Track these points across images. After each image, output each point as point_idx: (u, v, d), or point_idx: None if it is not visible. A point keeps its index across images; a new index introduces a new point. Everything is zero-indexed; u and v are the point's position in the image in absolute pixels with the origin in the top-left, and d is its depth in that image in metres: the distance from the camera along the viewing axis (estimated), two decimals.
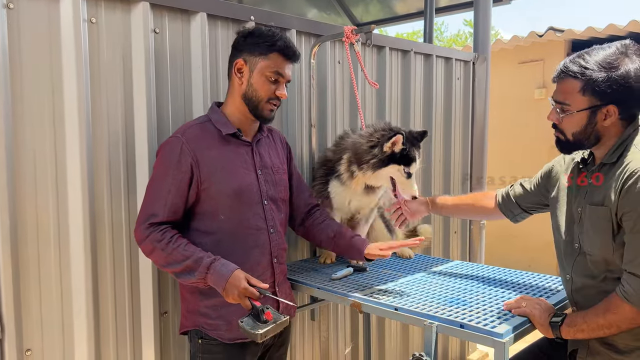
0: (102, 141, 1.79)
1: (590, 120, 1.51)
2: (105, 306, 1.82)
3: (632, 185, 1.41)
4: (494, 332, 1.47)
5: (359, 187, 2.13)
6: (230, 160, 1.73)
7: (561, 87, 1.55)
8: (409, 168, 2.01)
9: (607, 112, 1.49)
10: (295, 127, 2.41)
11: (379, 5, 5.61)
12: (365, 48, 2.72)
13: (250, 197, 1.75)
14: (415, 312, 1.67)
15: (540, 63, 5.34)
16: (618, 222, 1.46)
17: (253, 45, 1.72)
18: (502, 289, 1.90)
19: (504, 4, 4.40)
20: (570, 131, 1.56)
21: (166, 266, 1.66)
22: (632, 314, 1.41)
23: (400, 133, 1.96)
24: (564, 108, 1.54)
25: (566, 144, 1.60)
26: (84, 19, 1.71)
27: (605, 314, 1.46)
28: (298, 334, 2.51)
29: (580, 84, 1.49)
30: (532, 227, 5.44)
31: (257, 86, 1.73)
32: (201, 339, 1.73)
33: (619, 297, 1.43)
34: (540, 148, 5.40)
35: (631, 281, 1.40)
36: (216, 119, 1.74)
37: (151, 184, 1.70)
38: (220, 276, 1.61)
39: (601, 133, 1.53)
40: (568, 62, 1.52)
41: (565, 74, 1.52)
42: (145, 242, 1.65)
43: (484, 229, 3.63)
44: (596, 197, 1.53)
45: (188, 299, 1.77)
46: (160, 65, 1.92)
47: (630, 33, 4.60)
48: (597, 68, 1.46)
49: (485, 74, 3.52)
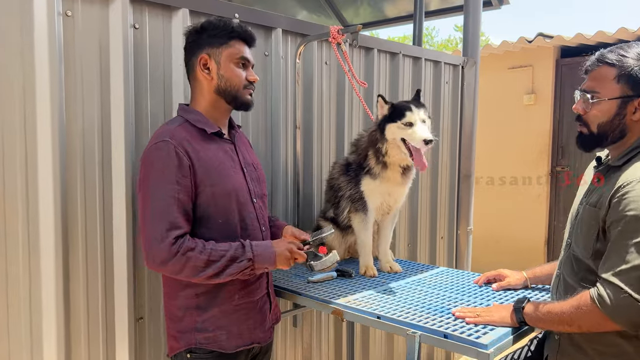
0: (76, 140, 1.72)
1: (619, 110, 1.47)
2: (77, 312, 1.75)
3: (620, 197, 1.38)
4: (478, 342, 1.43)
5: (397, 174, 2.14)
6: (221, 160, 1.65)
7: (594, 75, 1.51)
8: (404, 119, 2.02)
9: (637, 105, 1.45)
10: (280, 129, 2.35)
11: (369, 8, 5.59)
12: (353, 49, 2.68)
13: (244, 197, 1.68)
14: (398, 320, 1.62)
15: (530, 69, 5.34)
16: (604, 227, 1.44)
17: (211, 37, 1.64)
18: (489, 297, 1.86)
19: (494, 8, 4.38)
20: (596, 122, 1.51)
21: (205, 270, 1.52)
22: (598, 319, 1.38)
23: (379, 95, 2.10)
24: (593, 96, 1.50)
25: (589, 138, 1.55)
26: (59, 12, 1.64)
27: (571, 310, 1.42)
28: (280, 340, 2.45)
29: (616, 71, 1.46)
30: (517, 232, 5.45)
31: (229, 75, 1.65)
32: (190, 353, 1.64)
33: (591, 300, 1.38)
34: (529, 153, 5.41)
35: (610, 289, 1.35)
36: (195, 119, 1.65)
37: (152, 196, 1.52)
38: (266, 247, 1.63)
39: (628, 128, 1.48)
40: (605, 51, 1.50)
41: (601, 61, 1.49)
42: (175, 258, 1.49)
43: (471, 234, 3.60)
44: (593, 198, 1.51)
45: (180, 317, 1.65)
46: (140, 62, 1.86)
47: (619, 40, 4.61)
48: (637, 58, 1.44)
49: (474, 78, 3.49)
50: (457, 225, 3.54)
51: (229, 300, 1.65)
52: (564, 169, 5.25)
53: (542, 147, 5.32)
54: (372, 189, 2.16)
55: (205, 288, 1.62)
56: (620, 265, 1.35)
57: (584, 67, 1.57)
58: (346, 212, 2.23)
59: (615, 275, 1.35)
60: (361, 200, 2.18)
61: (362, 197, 2.18)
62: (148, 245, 1.52)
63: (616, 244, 1.38)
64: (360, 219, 2.20)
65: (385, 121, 2.07)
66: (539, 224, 5.36)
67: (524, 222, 5.43)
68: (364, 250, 2.22)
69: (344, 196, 2.22)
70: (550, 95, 5.24)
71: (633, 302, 1.31)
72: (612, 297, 1.34)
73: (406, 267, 2.34)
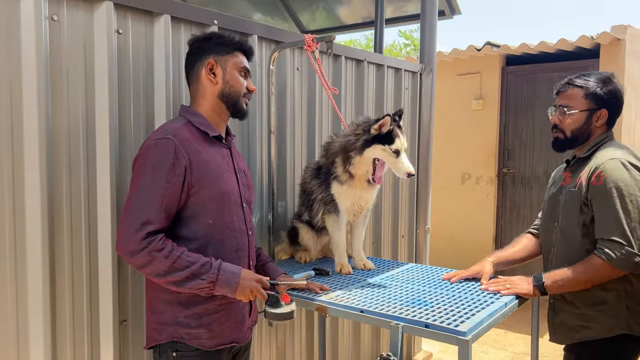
0: (62, 143, 1.72)
1: (587, 119, 1.96)
2: (63, 314, 1.75)
3: (598, 174, 1.84)
4: (457, 330, 1.56)
5: (364, 182, 2.21)
6: (218, 163, 1.71)
7: (566, 94, 1.99)
8: (393, 146, 2.07)
9: (600, 115, 1.95)
10: (256, 134, 2.41)
11: (325, 13, 5.69)
12: (323, 56, 2.78)
13: (235, 201, 1.74)
14: (381, 313, 1.73)
15: (478, 75, 5.62)
16: (586, 203, 1.88)
17: (218, 45, 1.74)
18: (460, 289, 2.00)
19: (446, 18, 4.60)
20: (570, 128, 1.98)
21: (166, 275, 1.56)
22: (609, 271, 1.80)
23: (388, 115, 2.08)
24: (566, 111, 1.97)
25: (564, 141, 2.01)
26: (46, 16, 1.64)
27: (586, 273, 1.83)
28: (255, 340, 2.51)
29: (583, 91, 1.95)
30: (469, 229, 5.72)
31: (234, 82, 1.74)
32: (176, 352, 1.66)
33: (600, 259, 1.80)
34: (478, 155, 5.69)
35: (612, 246, 1.78)
36: (198, 121, 1.71)
37: (140, 189, 1.57)
38: (232, 274, 1.63)
39: (592, 132, 1.97)
40: (573, 77, 1.99)
41: (571, 84, 1.98)
42: (142, 253, 1.53)
43: (429, 232, 3.79)
44: (571, 183, 1.97)
45: (162, 310, 1.68)
46: (123, 66, 1.88)
47: (560, 50, 4.96)
48: (597, 82, 1.95)
49: (431, 84, 3.67)
50: (416, 224, 3.71)
51: (209, 300, 1.69)
52: (510, 170, 5.57)
53: (490, 150, 5.62)
54: (341, 192, 2.25)
55: None
56: (613, 226, 1.79)
57: (555, 89, 2.04)
58: (320, 214, 2.32)
59: (613, 235, 1.79)
60: (333, 202, 2.27)
61: (333, 200, 2.26)
62: (122, 233, 1.57)
63: (605, 211, 1.82)
64: (333, 220, 2.30)
65: (374, 140, 2.08)
66: (488, 222, 5.66)
67: (475, 220, 5.71)
68: (338, 250, 2.32)
69: (317, 199, 2.31)
70: (497, 101, 5.55)
71: (630, 251, 1.77)
72: (616, 251, 1.77)
73: (377, 263, 2.46)
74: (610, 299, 1.88)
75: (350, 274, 2.24)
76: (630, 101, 5.10)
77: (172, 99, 2.01)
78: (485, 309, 1.75)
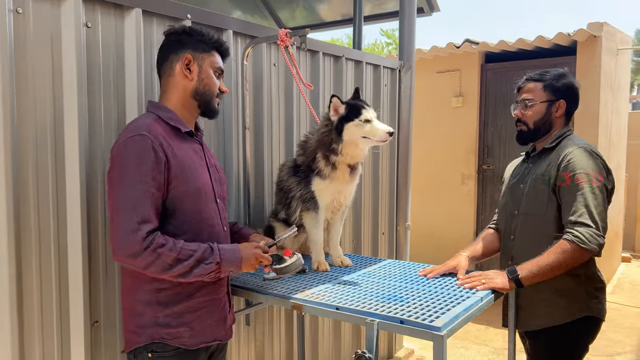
0: (29, 141, 1.67)
1: (547, 110, 2.08)
2: (31, 316, 1.70)
3: (567, 161, 1.95)
4: (432, 326, 1.54)
5: (345, 173, 2.21)
6: (192, 159, 1.68)
7: (527, 89, 2.12)
8: (362, 117, 2.11)
9: (558, 106, 2.08)
10: (232, 130, 2.38)
11: (305, 11, 5.68)
12: (300, 52, 2.75)
13: (210, 196, 1.72)
14: (356, 310, 1.71)
15: (457, 73, 5.65)
16: (554, 189, 1.98)
17: (197, 42, 1.71)
18: (436, 285, 1.99)
19: (425, 15, 4.61)
20: (532, 120, 2.10)
21: (172, 268, 1.54)
22: (580, 254, 1.86)
23: (333, 95, 2.13)
24: (528, 103, 2.10)
25: (527, 133, 2.13)
26: (10, 9, 1.59)
27: (558, 257, 1.86)
28: (233, 339, 2.48)
29: (542, 84, 2.09)
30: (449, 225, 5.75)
31: (208, 81, 1.72)
32: (151, 353, 1.63)
33: (571, 242, 1.86)
34: (458, 152, 5.72)
35: (582, 229, 1.86)
36: (168, 117, 1.67)
37: (125, 189, 1.52)
38: (233, 251, 1.67)
39: (553, 123, 2.10)
40: (531, 74, 2.13)
41: (530, 80, 2.12)
42: (146, 252, 1.50)
43: (409, 229, 3.79)
44: (539, 171, 2.06)
45: (141, 311, 1.64)
46: (92, 61, 1.84)
47: (537, 47, 5.01)
48: (553, 76, 2.09)
49: (410, 81, 3.67)
50: (396, 221, 3.71)
51: (191, 297, 1.67)
52: (489, 167, 5.61)
53: (470, 147, 5.65)
54: (322, 188, 2.23)
55: (168, 284, 1.63)
56: (582, 209, 1.88)
57: (516, 87, 2.17)
58: (298, 212, 2.29)
59: (582, 217, 1.87)
60: (312, 199, 2.25)
61: (313, 197, 2.25)
62: (119, 236, 1.51)
63: (573, 195, 1.91)
64: (312, 218, 2.28)
65: (342, 120, 2.11)
66: (468, 218, 5.70)
67: (455, 217, 5.74)
68: (315, 247, 2.30)
69: (295, 197, 2.28)
70: (477, 98, 5.58)
71: (597, 232, 1.86)
72: (586, 233, 1.85)
73: (355, 260, 2.45)
74: (572, 284, 1.99)
75: (327, 271, 2.23)
76: (607, 98, 5.18)
77: (143, 95, 1.97)
78: (460, 303, 1.74)
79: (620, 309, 5.10)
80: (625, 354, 3.98)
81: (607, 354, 3.95)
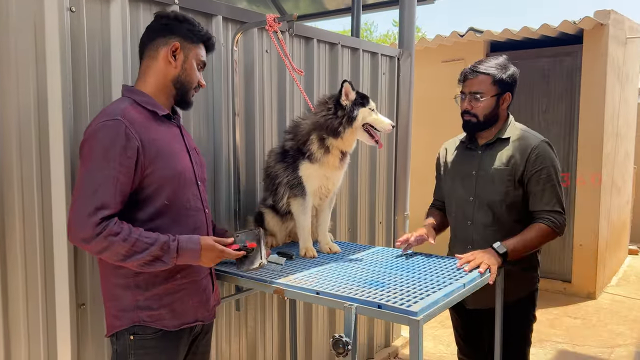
0: (11, 128, 1.69)
1: (496, 103, 2.18)
2: (16, 299, 1.73)
3: (536, 155, 2.12)
4: (409, 310, 1.54)
5: (337, 159, 2.23)
6: (169, 142, 1.68)
7: (475, 81, 2.17)
8: (370, 105, 2.21)
9: (505, 98, 2.20)
10: (222, 116, 2.39)
11: (309, 0, 5.66)
12: (293, 39, 2.74)
13: (190, 179, 1.72)
14: (335, 295, 1.71)
15: (462, 62, 5.58)
16: (521, 180, 2.13)
17: (187, 31, 1.71)
18: (421, 270, 1.98)
19: (427, 3, 4.56)
20: (483, 113, 2.18)
21: (125, 259, 1.55)
22: (552, 236, 2.12)
23: (344, 80, 2.15)
24: (479, 97, 2.16)
25: (477, 125, 2.21)
26: None
27: (537, 238, 2.10)
28: (224, 325, 2.49)
29: (491, 78, 2.15)
30: None
31: (190, 72, 1.72)
32: (133, 335, 1.65)
33: (547, 227, 2.09)
34: None
35: (556, 216, 2.10)
36: (144, 100, 1.67)
37: (91, 172, 1.53)
38: (193, 252, 1.64)
39: (499, 115, 2.21)
40: (477, 65, 2.18)
41: (477, 72, 2.17)
42: (98, 239, 1.50)
43: (408, 219, 3.77)
44: (499, 161, 2.18)
45: (121, 295, 1.65)
46: (77, 47, 1.84)
47: (543, 36, 4.93)
48: (498, 67, 2.17)
49: (410, 69, 3.64)
50: (394, 211, 3.70)
51: (169, 280, 1.68)
52: None
53: None
54: (310, 173, 2.23)
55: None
56: (554, 199, 2.12)
57: (460, 76, 2.23)
58: (285, 198, 2.29)
59: (555, 206, 2.11)
60: (300, 185, 2.25)
61: (300, 183, 2.24)
62: (74, 219, 1.53)
63: (544, 186, 2.11)
64: (299, 204, 2.27)
65: (355, 105, 2.16)
66: None
67: None
68: (303, 233, 2.30)
69: (282, 183, 2.28)
70: None
71: (565, 217, 2.13)
72: (560, 220, 2.11)
73: (345, 248, 2.44)
74: (532, 257, 2.22)
75: (314, 258, 2.23)
76: (615, 88, 5.08)
77: (129, 80, 1.97)
78: (442, 289, 1.74)
79: (625, 301, 5.05)
80: (627, 346, 3.94)
81: (609, 345, 3.91)
